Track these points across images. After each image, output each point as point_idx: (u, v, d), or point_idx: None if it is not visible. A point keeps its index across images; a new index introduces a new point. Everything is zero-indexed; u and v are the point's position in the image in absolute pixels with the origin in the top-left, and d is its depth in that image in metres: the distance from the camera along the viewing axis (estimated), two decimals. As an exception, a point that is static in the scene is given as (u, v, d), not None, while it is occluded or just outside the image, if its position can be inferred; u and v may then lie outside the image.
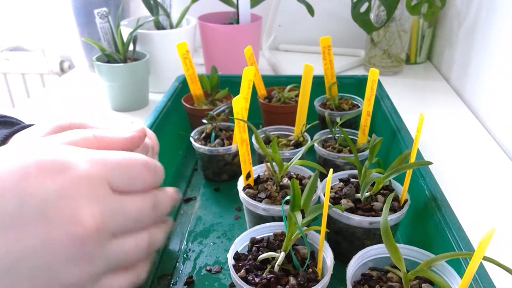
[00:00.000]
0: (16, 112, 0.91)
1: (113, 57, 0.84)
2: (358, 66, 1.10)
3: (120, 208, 0.32)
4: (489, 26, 0.83)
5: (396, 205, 0.47)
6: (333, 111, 0.70)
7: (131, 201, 0.33)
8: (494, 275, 0.35)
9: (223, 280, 0.47)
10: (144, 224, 0.35)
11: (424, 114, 0.44)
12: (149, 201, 0.35)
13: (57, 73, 1.32)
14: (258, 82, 0.72)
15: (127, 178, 0.34)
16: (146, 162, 0.35)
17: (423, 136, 0.54)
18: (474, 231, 0.43)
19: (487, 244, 0.26)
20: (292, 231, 0.39)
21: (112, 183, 0.32)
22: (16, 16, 1.32)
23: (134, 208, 0.33)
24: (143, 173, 0.35)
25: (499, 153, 0.72)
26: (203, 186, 0.64)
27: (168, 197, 0.38)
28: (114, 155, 0.34)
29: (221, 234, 0.54)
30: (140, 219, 0.34)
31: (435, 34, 1.11)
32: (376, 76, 0.56)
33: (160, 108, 0.65)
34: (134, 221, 0.33)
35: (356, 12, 0.92)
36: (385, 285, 0.38)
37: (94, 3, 0.94)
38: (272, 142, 0.50)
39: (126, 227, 0.33)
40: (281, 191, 0.49)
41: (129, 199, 0.33)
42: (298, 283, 0.37)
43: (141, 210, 0.34)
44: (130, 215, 0.33)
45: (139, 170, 0.34)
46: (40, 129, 0.41)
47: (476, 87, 0.88)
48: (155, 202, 0.35)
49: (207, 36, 0.95)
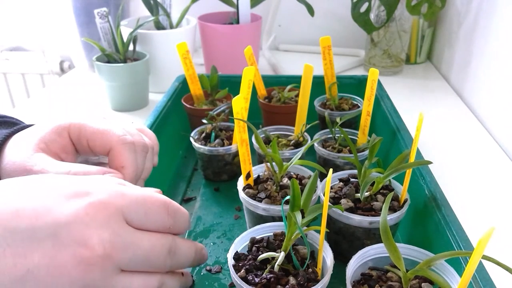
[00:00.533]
0: (16, 112, 0.91)
1: (113, 57, 0.84)
2: (358, 66, 1.10)
3: (131, 241, 0.31)
4: (489, 26, 0.83)
5: (395, 204, 0.47)
6: (333, 111, 0.70)
7: (145, 237, 0.32)
8: (493, 274, 0.35)
9: (223, 280, 0.47)
10: (156, 268, 0.33)
11: (423, 114, 0.44)
12: (166, 243, 0.34)
13: (57, 73, 1.32)
14: (258, 82, 0.72)
15: (143, 214, 0.33)
16: (165, 202, 0.35)
17: (422, 136, 0.54)
18: (474, 230, 0.43)
19: (486, 243, 0.26)
20: (292, 231, 0.39)
21: (127, 216, 0.32)
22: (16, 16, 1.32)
23: (147, 245, 0.32)
24: (161, 213, 0.34)
25: (499, 153, 0.72)
26: (203, 186, 0.64)
27: (189, 248, 0.37)
28: (135, 191, 0.33)
29: (221, 234, 0.54)
30: (153, 259, 0.32)
31: (435, 34, 1.11)
32: (376, 76, 0.56)
33: (160, 108, 0.65)
34: (145, 259, 0.32)
35: (356, 12, 0.92)
36: (385, 284, 0.38)
37: (94, 3, 0.94)
38: (272, 142, 0.50)
39: (136, 264, 0.32)
40: (281, 191, 0.49)
41: (143, 235, 0.32)
42: (298, 283, 0.37)
43: (154, 249, 0.32)
44: (142, 252, 0.32)
45: (156, 209, 0.34)
46: (40, 129, 0.41)
47: (476, 87, 0.88)
48: (172, 247, 0.34)
49: (207, 36, 0.95)
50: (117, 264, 0.30)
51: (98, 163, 0.46)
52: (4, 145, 0.41)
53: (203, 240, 0.53)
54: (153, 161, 0.48)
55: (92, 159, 0.46)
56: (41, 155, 0.39)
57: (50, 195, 0.30)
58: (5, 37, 1.36)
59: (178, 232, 0.36)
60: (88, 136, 0.41)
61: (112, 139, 0.41)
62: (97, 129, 0.41)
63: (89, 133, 0.41)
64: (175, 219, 0.35)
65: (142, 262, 0.32)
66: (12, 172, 0.39)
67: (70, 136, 0.42)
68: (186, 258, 0.36)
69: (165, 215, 0.34)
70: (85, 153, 0.43)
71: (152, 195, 0.34)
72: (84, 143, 0.42)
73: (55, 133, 0.41)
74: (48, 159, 0.39)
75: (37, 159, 0.38)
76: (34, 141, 0.40)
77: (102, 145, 0.41)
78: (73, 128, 0.41)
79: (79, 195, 0.31)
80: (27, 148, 0.39)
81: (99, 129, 0.41)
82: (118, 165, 0.40)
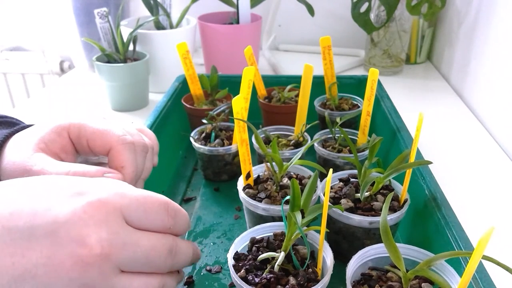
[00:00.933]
0: (16, 112, 0.91)
1: (113, 57, 0.84)
2: (358, 66, 1.10)
3: (130, 240, 0.31)
4: (489, 26, 0.83)
5: (396, 204, 0.47)
6: (333, 111, 0.70)
7: (145, 237, 0.32)
8: (493, 274, 0.35)
9: (223, 280, 0.47)
10: (157, 268, 0.33)
11: (423, 114, 0.44)
12: (166, 243, 0.33)
13: (57, 73, 1.32)
14: (258, 82, 0.72)
15: (143, 214, 0.32)
16: (165, 202, 0.34)
17: (422, 135, 0.54)
18: (474, 230, 0.43)
19: (486, 243, 0.26)
20: (292, 231, 0.39)
21: (126, 216, 0.31)
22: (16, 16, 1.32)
23: (147, 245, 0.32)
24: (161, 213, 0.34)
25: (499, 153, 0.72)
26: (203, 186, 0.64)
27: (188, 248, 0.36)
28: (134, 191, 0.33)
29: (221, 234, 0.54)
30: (153, 260, 0.32)
31: (435, 34, 1.11)
32: (376, 76, 0.56)
33: (160, 108, 0.65)
34: (145, 260, 0.32)
35: (356, 12, 0.92)
36: (385, 284, 0.38)
37: (94, 3, 0.94)
38: (272, 142, 0.50)
39: (136, 264, 0.31)
40: (281, 191, 0.49)
41: (143, 234, 0.32)
42: (298, 283, 0.37)
43: (155, 249, 0.32)
44: (142, 251, 0.31)
45: (156, 209, 0.33)
46: (40, 129, 0.41)
47: (476, 87, 0.88)
48: (172, 248, 0.34)
49: (207, 36, 0.95)
50: (116, 264, 0.30)
51: (98, 163, 0.46)
52: (4, 145, 0.41)
53: (203, 240, 0.53)
54: (153, 161, 0.48)
55: (92, 159, 0.46)
56: (41, 155, 0.39)
57: (49, 195, 0.30)
58: (5, 37, 1.36)
59: (179, 233, 0.36)
60: (88, 136, 0.41)
61: (112, 139, 0.41)
62: (97, 129, 0.41)
63: (89, 133, 0.41)
64: (176, 219, 0.35)
65: (142, 262, 0.32)
66: (12, 172, 0.39)
67: (70, 136, 0.42)
68: (185, 258, 0.36)
69: (165, 215, 0.34)
70: (85, 153, 0.43)
71: (152, 195, 0.34)
72: (84, 143, 0.42)
73: (55, 133, 0.41)
74: (47, 159, 0.39)
75: (37, 159, 0.38)
76: (34, 141, 0.40)
77: (102, 145, 0.41)
78: (73, 128, 0.41)
79: (78, 194, 0.31)
80: (27, 148, 0.39)
81: (99, 129, 0.41)
82: (118, 165, 0.40)
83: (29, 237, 0.28)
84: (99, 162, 0.46)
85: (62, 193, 0.30)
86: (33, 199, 0.30)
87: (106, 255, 0.29)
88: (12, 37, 1.36)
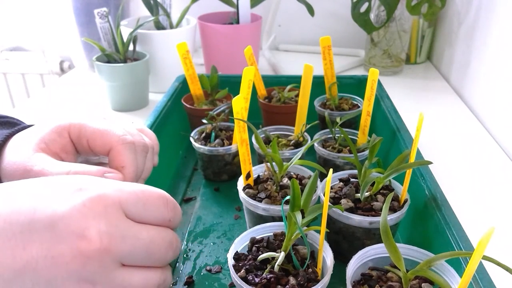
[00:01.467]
0: (16, 112, 0.91)
1: (113, 57, 0.84)
2: (358, 66, 1.10)
3: (131, 233, 0.31)
4: (489, 26, 0.83)
5: (396, 205, 0.47)
6: (333, 111, 0.70)
7: (144, 230, 0.32)
8: (494, 275, 0.35)
9: (223, 280, 0.47)
10: (157, 262, 0.33)
11: (423, 114, 0.44)
12: (166, 236, 0.33)
13: (57, 73, 1.32)
14: (258, 82, 0.72)
15: (142, 207, 0.32)
16: (163, 195, 0.34)
17: (423, 136, 0.54)
18: (474, 231, 0.43)
19: (486, 243, 0.26)
20: (292, 231, 0.39)
21: (126, 209, 0.32)
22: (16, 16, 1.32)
23: (147, 237, 0.31)
24: (160, 206, 0.34)
25: (499, 153, 0.73)
26: (203, 186, 0.64)
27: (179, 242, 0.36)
28: (132, 186, 0.33)
29: (221, 234, 0.54)
30: (153, 252, 0.32)
31: (435, 34, 1.11)
32: (376, 76, 0.56)
33: (160, 108, 0.65)
34: (146, 253, 0.32)
35: (356, 12, 0.92)
36: (385, 284, 0.38)
37: (94, 3, 0.94)
38: (272, 142, 0.50)
39: (137, 257, 0.31)
40: (281, 191, 0.49)
41: (143, 227, 0.32)
42: (298, 283, 0.37)
43: (155, 242, 0.32)
44: (141, 244, 0.31)
45: (155, 201, 0.33)
46: (40, 129, 0.41)
47: (476, 87, 0.88)
48: (173, 241, 0.34)
49: (207, 36, 0.95)
50: (116, 257, 0.30)
51: (98, 163, 0.46)
52: (4, 145, 0.41)
53: (203, 240, 0.53)
54: (153, 161, 0.48)
55: (92, 159, 0.46)
56: (41, 155, 0.39)
57: (49, 192, 0.30)
58: (5, 37, 1.36)
59: (176, 226, 0.36)
60: (88, 136, 0.41)
61: (112, 139, 0.41)
62: (97, 129, 0.41)
63: (89, 133, 0.41)
64: (173, 210, 0.35)
65: (142, 255, 0.31)
66: (12, 172, 0.39)
67: (70, 136, 0.42)
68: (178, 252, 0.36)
69: (164, 208, 0.34)
70: (85, 153, 0.43)
71: (150, 189, 0.34)
72: (84, 143, 0.42)
73: (55, 133, 0.41)
74: (48, 159, 0.39)
75: (37, 159, 0.39)
76: (34, 141, 0.40)
77: (102, 145, 0.41)
78: (73, 128, 0.41)
79: (78, 190, 0.31)
80: (27, 148, 0.39)
81: (99, 129, 0.41)
82: (118, 165, 0.40)
83: (30, 230, 0.28)
84: (99, 162, 0.47)
85: (62, 190, 0.31)
86: (34, 197, 0.30)
87: (105, 248, 0.29)
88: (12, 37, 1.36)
